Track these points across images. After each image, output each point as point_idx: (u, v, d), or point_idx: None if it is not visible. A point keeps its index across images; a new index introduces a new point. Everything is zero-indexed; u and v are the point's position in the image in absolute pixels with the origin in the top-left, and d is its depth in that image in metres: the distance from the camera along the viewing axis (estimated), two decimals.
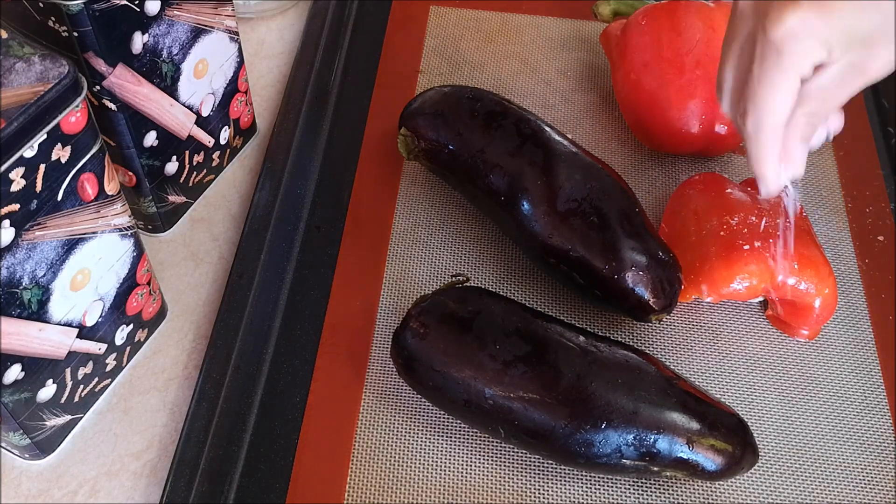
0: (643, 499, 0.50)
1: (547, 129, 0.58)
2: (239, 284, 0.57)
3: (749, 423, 0.49)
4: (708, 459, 0.47)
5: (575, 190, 0.54)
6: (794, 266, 0.53)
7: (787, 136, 0.44)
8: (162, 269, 0.60)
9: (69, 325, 0.47)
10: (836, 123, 0.47)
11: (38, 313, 0.44)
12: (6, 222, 0.39)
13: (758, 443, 0.49)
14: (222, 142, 0.63)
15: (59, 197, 0.42)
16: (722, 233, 0.55)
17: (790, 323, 0.57)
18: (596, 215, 0.54)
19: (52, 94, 0.39)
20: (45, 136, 0.39)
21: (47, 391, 0.48)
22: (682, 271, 0.55)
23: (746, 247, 0.54)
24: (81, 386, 0.51)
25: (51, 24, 0.45)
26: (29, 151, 0.39)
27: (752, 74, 0.43)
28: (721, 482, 0.51)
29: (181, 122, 0.57)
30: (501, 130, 0.57)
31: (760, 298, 0.58)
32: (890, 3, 0.40)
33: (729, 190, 0.58)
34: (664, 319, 0.55)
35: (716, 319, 0.58)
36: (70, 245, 0.44)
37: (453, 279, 0.55)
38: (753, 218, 0.55)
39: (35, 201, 0.40)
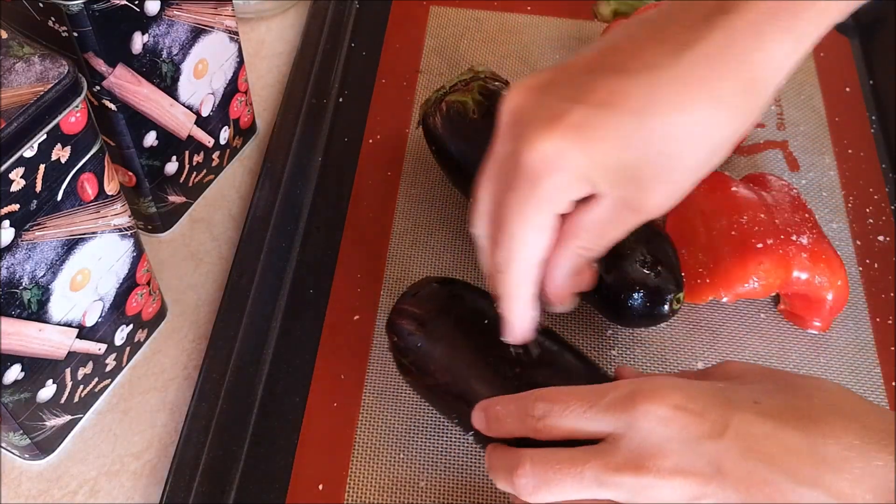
0: None
1: None
2: (239, 284, 0.57)
3: None
4: None
5: None
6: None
7: (555, 267, 0.39)
8: (162, 269, 0.60)
9: (69, 325, 0.47)
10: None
11: (38, 313, 0.44)
12: (6, 222, 0.39)
13: None
14: (222, 142, 0.63)
15: (59, 197, 0.42)
16: (733, 232, 0.55)
17: (803, 316, 0.57)
18: None
19: (52, 94, 0.39)
20: (44, 137, 0.39)
21: (47, 391, 0.48)
22: (695, 273, 0.54)
23: (760, 245, 0.54)
24: (81, 386, 0.51)
25: (51, 24, 0.45)
26: (29, 151, 0.39)
27: (505, 202, 0.38)
28: None
29: (181, 122, 0.57)
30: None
31: (774, 293, 0.57)
32: (658, 133, 0.34)
33: (734, 188, 0.57)
34: None
35: (716, 319, 0.58)
36: (70, 245, 0.44)
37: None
38: (763, 215, 0.55)
39: (35, 201, 0.40)
